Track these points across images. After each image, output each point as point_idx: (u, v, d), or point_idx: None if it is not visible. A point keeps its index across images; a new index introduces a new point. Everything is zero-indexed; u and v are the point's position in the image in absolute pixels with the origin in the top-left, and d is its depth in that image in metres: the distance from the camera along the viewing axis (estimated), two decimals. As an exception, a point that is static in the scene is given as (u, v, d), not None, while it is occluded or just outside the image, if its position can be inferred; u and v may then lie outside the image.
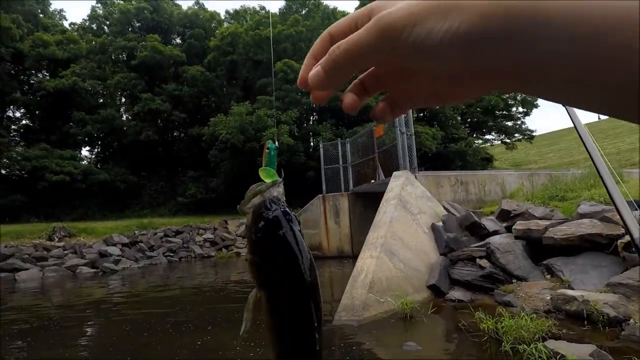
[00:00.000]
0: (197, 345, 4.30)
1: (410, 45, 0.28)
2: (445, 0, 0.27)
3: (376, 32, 0.29)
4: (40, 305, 7.55)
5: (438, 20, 0.27)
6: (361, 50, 0.30)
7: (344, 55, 0.31)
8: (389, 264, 5.46)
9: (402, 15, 0.28)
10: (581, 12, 0.22)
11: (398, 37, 0.28)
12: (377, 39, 0.29)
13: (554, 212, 5.98)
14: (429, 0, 0.27)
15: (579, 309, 3.94)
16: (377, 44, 0.29)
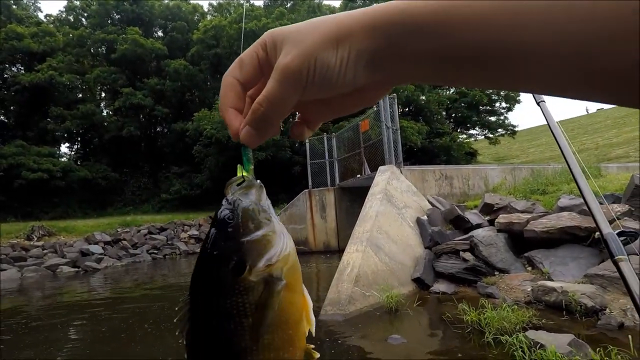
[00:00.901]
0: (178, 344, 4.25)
1: (318, 81, 0.32)
2: (327, 33, 0.31)
3: (286, 82, 0.32)
4: (17, 307, 7.32)
5: (331, 52, 0.30)
6: (280, 102, 0.33)
7: (269, 111, 0.34)
8: (375, 258, 5.49)
9: (300, 60, 0.31)
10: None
11: (305, 80, 0.31)
12: (289, 88, 0.32)
13: (535, 205, 6.12)
14: (314, 36, 0.31)
15: (558, 299, 4.05)
16: (290, 92, 0.32)
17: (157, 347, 4.24)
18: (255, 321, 0.36)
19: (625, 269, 0.96)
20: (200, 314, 0.37)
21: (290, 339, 0.38)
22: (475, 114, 29.99)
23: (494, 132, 31.37)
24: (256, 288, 0.36)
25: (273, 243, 0.38)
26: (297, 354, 0.39)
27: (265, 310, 0.36)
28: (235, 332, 0.36)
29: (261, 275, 0.36)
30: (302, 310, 0.39)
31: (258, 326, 0.36)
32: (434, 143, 24.99)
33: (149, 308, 6.38)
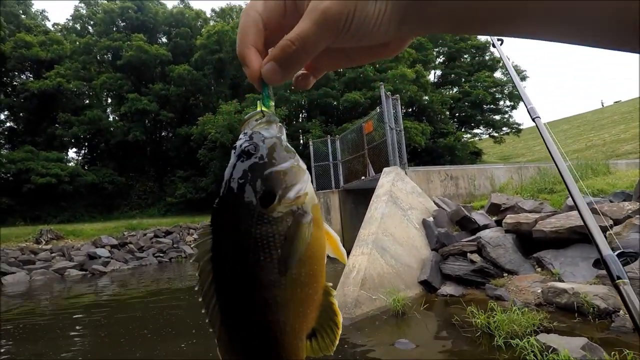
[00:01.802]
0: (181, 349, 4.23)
1: (352, 31, 0.32)
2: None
3: (323, 25, 0.31)
4: (26, 309, 7.36)
5: (370, 3, 0.30)
6: (313, 44, 0.33)
7: (300, 51, 0.33)
8: (381, 260, 5.43)
9: (341, 6, 0.30)
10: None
11: (342, 26, 0.31)
12: (325, 31, 0.32)
13: (543, 205, 6.02)
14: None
15: (570, 301, 3.96)
16: (325, 36, 0.32)
17: (160, 351, 4.22)
18: (284, 254, 0.35)
19: (626, 292, 0.92)
20: (225, 247, 0.36)
21: (316, 274, 0.37)
22: (479, 113, 29.80)
23: (498, 131, 31.14)
24: (285, 219, 0.35)
25: (301, 176, 0.37)
26: (320, 290, 0.39)
27: (295, 242, 0.35)
28: (264, 264, 0.35)
29: (290, 206, 0.36)
30: (325, 247, 0.40)
31: (287, 259, 0.35)
32: (438, 143, 24.85)
33: (152, 312, 6.38)
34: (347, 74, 23.36)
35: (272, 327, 0.37)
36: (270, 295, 0.36)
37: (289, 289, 0.36)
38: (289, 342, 0.37)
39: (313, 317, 0.39)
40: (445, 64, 32.62)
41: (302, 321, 0.38)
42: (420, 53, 27.87)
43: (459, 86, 31.02)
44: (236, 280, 0.36)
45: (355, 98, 21.75)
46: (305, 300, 0.37)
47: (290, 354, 0.38)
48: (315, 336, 0.40)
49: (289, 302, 0.36)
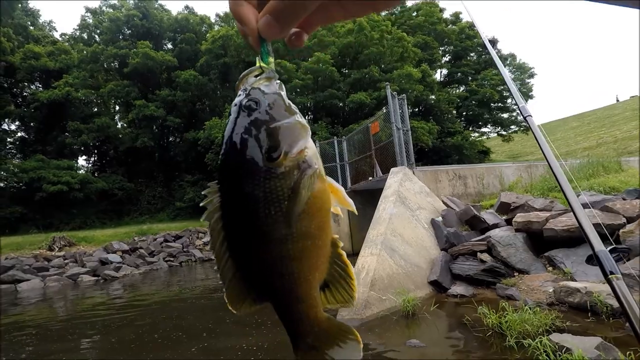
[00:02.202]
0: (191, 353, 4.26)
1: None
2: None
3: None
4: (41, 315, 7.49)
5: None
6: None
7: (300, 5, 0.32)
8: (390, 261, 5.42)
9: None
10: None
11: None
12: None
13: (553, 203, 5.95)
14: None
15: (582, 300, 3.91)
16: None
17: (170, 355, 4.26)
18: (292, 206, 0.35)
19: (618, 287, 0.93)
20: (234, 204, 0.36)
21: (323, 226, 0.38)
22: (487, 111, 29.56)
23: (506, 129, 30.84)
24: (292, 173, 0.36)
25: (305, 131, 0.38)
26: (328, 241, 0.40)
27: (301, 195, 0.36)
28: (274, 218, 0.35)
29: (295, 160, 0.36)
30: (330, 200, 0.40)
31: (295, 212, 0.35)
32: (445, 142, 24.70)
33: (163, 316, 6.43)
34: (352, 74, 23.36)
35: (287, 279, 0.37)
36: (283, 248, 0.36)
37: (299, 241, 0.36)
38: (304, 292, 0.39)
39: (324, 268, 0.40)
40: (451, 63, 32.44)
41: (314, 272, 0.39)
42: (426, 52, 27.77)
43: (465, 85, 30.82)
44: (248, 236, 0.36)
45: (361, 99, 21.73)
46: (315, 252, 0.38)
47: (306, 305, 0.39)
48: (329, 287, 0.41)
49: (300, 254, 0.37)
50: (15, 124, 26.77)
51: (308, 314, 0.40)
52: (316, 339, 0.41)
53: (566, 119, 45.37)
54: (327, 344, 0.41)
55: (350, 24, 23.24)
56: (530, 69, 32.83)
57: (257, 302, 0.41)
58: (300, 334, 0.41)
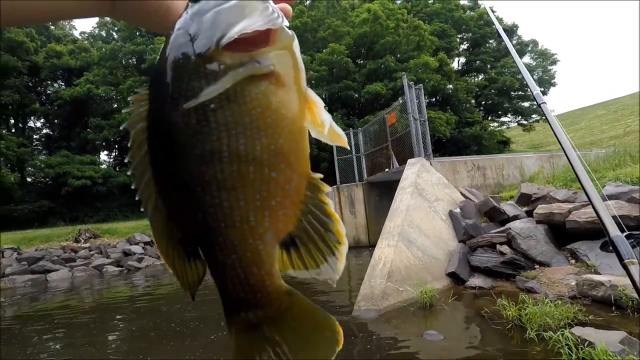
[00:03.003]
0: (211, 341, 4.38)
1: None
2: None
3: None
4: (69, 304, 7.84)
5: None
6: None
7: None
8: (407, 252, 5.41)
9: None
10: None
11: None
12: None
13: (577, 194, 5.78)
14: None
15: (606, 294, 3.81)
16: None
17: (189, 343, 4.39)
18: (228, 117, 0.27)
19: (635, 272, 0.91)
20: (160, 109, 0.29)
21: (280, 151, 0.28)
22: (507, 100, 28.78)
23: (527, 119, 29.96)
24: (227, 71, 0.27)
25: (252, 9, 0.29)
26: (294, 177, 0.29)
27: (241, 103, 0.27)
28: (200, 129, 0.27)
29: (235, 58, 0.28)
30: (300, 117, 0.30)
31: (232, 124, 0.27)
32: (463, 133, 24.23)
33: (183, 305, 6.63)
34: (368, 65, 23.09)
35: (214, 215, 0.28)
36: (208, 170, 0.27)
37: (234, 163, 0.27)
38: (240, 240, 0.29)
39: (286, 216, 0.30)
40: (469, 51, 31.61)
41: (260, 214, 0.29)
42: (443, 40, 27.14)
43: (484, 73, 30.03)
44: (172, 148, 0.28)
45: (376, 89, 21.48)
46: (265, 186, 0.28)
47: (246, 260, 0.29)
48: (296, 246, 0.30)
49: (236, 183, 0.28)
50: (40, 122, 27.79)
51: (248, 276, 0.29)
52: (262, 316, 0.31)
53: (591, 107, 43.70)
54: (280, 328, 0.30)
55: (365, 14, 22.91)
56: (552, 55, 31.69)
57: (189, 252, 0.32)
58: (235, 303, 0.31)
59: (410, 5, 28.87)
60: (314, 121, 0.31)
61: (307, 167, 0.30)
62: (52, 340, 5.26)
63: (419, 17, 26.73)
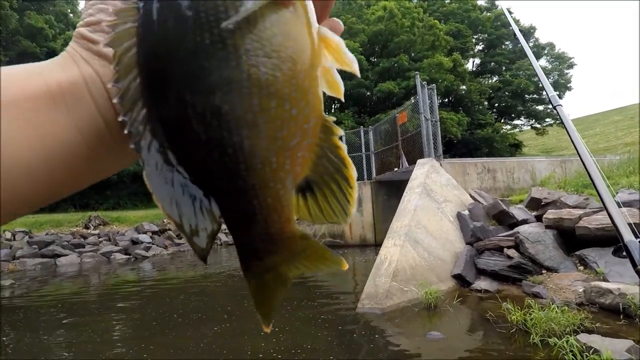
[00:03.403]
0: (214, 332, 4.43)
1: None
2: None
3: None
4: (76, 289, 8.00)
5: None
6: None
7: None
8: (413, 252, 5.40)
9: None
10: None
11: None
12: None
13: (588, 200, 5.70)
14: None
15: (615, 302, 3.76)
16: None
17: (191, 334, 4.45)
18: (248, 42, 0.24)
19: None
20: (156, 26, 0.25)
21: (299, 86, 0.26)
22: (521, 103, 28.39)
23: (541, 122, 29.53)
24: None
25: None
26: (312, 116, 0.27)
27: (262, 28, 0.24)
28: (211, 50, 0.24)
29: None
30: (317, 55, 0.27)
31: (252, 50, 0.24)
32: (475, 135, 23.99)
33: (187, 296, 6.72)
34: (381, 63, 22.95)
35: (233, 154, 0.25)
36: (227, 100, 0.24)
37: (254, 95, 0.24)
38: (261, 182, 0.26)
39: (303, 158, 0.28)
40: (484, 52, 31.21)
41: (281, 154, 0.26)
42: (458, 41, 26.83)
43: (499, 75, 29.64)
44: (177, 75, 0.24)
45: (389, 88, 21.37)
46: (286, 124, 0.25)
47: (266, 204, 0.27)
48: (313, 191, 0.29)
49: (262, 120, 0.25)
50: (55, 108, 28.27)
51: (269, 223, 0.27)
52: (279, 260, 0.30)
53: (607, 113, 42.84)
54: (294, 267, 0.30)
55: (381, 11, 22.74)
56: (569, 59, 31.13)
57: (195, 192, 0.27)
58: (254, 252, 0.29)
59: (426, 4, 28.57)
60: (340, 60, 0.28)
61: (322, 108, 0.28)
62: (56, 324, 5.38)
63: (434, 16, 26.45)
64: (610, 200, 1.04)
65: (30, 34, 23.21)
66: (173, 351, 3.96)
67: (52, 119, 0.27)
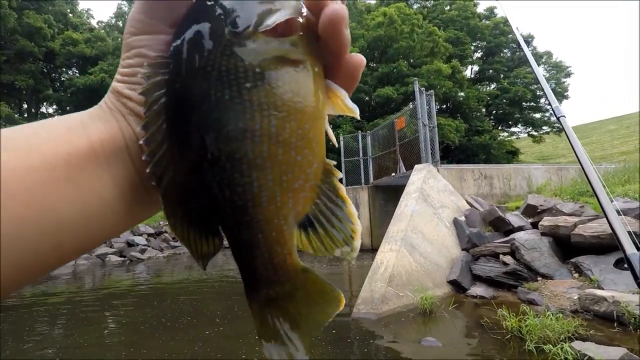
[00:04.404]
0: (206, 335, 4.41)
1: None
2: None
3: None
4: (67, 292, 7.94)
5: None
6: None
7: None
8: (409, 258, 5.40)
9: None
10: None
11: None
12: None
13: (584, 208, 5.74)
14: None
15: (609, 310, 3.78)
16: None
17: (179, 338, 4.43)
18: (262, 98, 0.28)
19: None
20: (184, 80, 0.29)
21: (305, 135, 0.29)
22: (518, 111, 28.59)
23: (538, 130, 29.72)
24: (261, 52, 0.28)
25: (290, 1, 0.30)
26: (315, 161, 0.30)
27: (274, 85, 0.28)
28: (231, 105, 0.28)
29: (270, 40, 0.28)
30: (323, 106, 0.31)
31: (265, 105, 0.28)
32: (472, 141, 24.10)
33: (180, 299, 6.68)
34: (380, 69, 23.07)
35: (242, 193, 0.28)
36: (239, 147, 0.28)
37: (265, 142, 0.28)
38: (266, 218, 0.29)
39: (305, 197, 0.30)
40: (483, 59, 31.46)
41: (285, 194, 0.29)
42: (457, 48, 27.03)
43: (497, 82, 29.85)
44: (199, 122, 0.28)
45: (387, 93, 21.46)
46: (291, 168, 0.29)
47: (270, 239, 0.30)
48: (314, 226, 0.31)
49: (265, 162, 0.28)
50: (52, 108, 28.17)
51: (272, 255, 0.30)
52: (280, 292, 0.32)
53: (603, 122, 43.17)
54: (296, 300, 0.32)
55: (381, 17, 22.91)
56: (566, 67, 31.40)
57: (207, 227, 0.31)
58: (257, 280, 0.31)
59: (426, 11, 28.81)
60: (341, 109, 0.32)
61: (324, 154, 0.31)
62: (48, 326, 5.33)
63: (434, 23, 26.65)
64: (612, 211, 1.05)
65: (28, 33, 23.19)
66: (167, 354, 3.93)
67: (94, 175, 0.28)
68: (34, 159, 0.26)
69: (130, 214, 0.32)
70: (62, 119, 0.30)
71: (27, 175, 0.25)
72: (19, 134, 0.27)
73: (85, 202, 0.28)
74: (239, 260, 0.31)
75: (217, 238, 0.32)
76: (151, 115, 0.29)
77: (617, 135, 31.08)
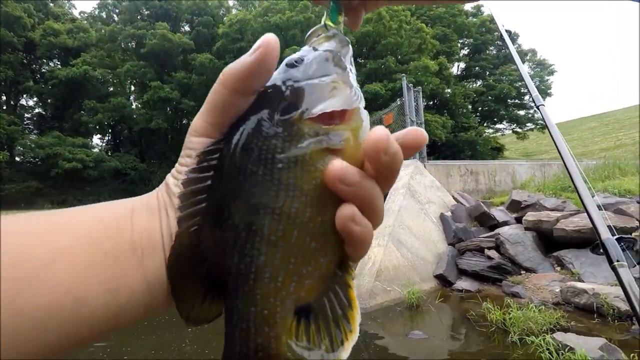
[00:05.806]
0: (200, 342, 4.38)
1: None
2: None
3: None
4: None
5: None
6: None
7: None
8: (397, 253, 5.45)
9: None
10: None
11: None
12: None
13: (566, 203, 5.88)
14: None
15: (589, 301, 3.90)
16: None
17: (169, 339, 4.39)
18: (291, 179, 0.28)
19: (624, 275, 0.94)
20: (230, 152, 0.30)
21: (325, 225, 0.29)
22: (503, 108, 29.06)
23: (522, 127, 30.30)
24: (301, 139, 0.29)
25: (338, 92, 0.31)
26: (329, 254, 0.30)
27: (306, 170, 0.28)
28: (263, 181, 0.29)
29: (313, 127, 0.29)
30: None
31: (292, 187, 0.28)
32: (459, 137, 24.42)
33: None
34: (368, 65, 23.10)
35: (252, 261, 0.28)
36: (257, 219, 0.28)
37: (282, 222, 0.28)
38: (265, 294, 0.28)
39: (312, 285, 0.29)
40: (469, 57, 31.81)
41: (288, 276, 0.29)
42: (444, 45, 27.26)
43: (483, 79, 30.25)
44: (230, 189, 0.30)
45: (375, 89, 21.53)
46: (302, 253, 0.29)
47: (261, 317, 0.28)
48: (310, 318, 0.29)
49: (280, 243, 0.28)
50: (33, 100, 27.40)
51: (258, 332, 0.28)
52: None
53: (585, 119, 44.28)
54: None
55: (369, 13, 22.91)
56: (550, 65, 32.02)
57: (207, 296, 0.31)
58: (236, 354, 0.29)
59: (414, 7, 28.91)
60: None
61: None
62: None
63: (422, 20, 26.80)
64: (589, 200, 1.08)
65: (7, 23, 22.37)
66: (154, 352, 3.89)
67: (128, 266, 0.29)
68: (82, 244, 0.28)
69: (154, 306, 0.31)
70: (114, 208, 0.31)
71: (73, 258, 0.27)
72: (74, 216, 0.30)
73: (118, 293, 0.28)
74: (226, 324, 0.30)
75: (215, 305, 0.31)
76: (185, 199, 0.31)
77: (597, 133, 31.95)
